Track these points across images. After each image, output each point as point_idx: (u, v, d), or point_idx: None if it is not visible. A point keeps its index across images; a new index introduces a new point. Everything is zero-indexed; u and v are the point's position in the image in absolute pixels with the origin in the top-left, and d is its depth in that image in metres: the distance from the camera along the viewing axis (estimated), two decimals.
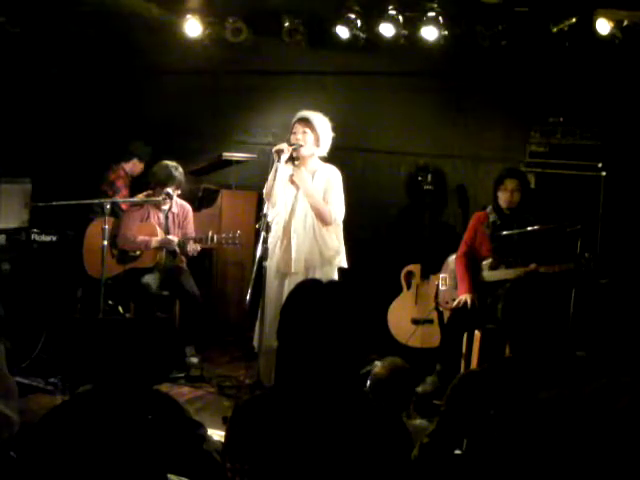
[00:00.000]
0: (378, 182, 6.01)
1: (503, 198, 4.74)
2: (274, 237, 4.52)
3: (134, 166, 6.16)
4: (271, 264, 4.53)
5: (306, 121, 4.47)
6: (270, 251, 4.53)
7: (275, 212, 4.54)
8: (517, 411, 2.15)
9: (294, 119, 4.54)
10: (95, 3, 5.75)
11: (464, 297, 4.69)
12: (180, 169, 5.26)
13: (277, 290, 4.49)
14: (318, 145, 4.51)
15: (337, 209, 4.50)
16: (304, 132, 4.47)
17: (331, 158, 4.61)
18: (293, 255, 4.47)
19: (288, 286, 4.45)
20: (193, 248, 5.11)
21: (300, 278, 4.37)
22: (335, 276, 4.52)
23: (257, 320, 4.48)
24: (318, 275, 4.43)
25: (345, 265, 4.59)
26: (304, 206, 4.49)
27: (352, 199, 4.66)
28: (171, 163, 5.25)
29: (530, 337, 2.33)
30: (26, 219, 5.47)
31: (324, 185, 4.51)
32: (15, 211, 5.45)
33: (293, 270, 4.46)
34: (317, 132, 4.48)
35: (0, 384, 2.43)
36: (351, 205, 4.64)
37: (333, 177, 4.53)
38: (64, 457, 2.16)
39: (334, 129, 4.56)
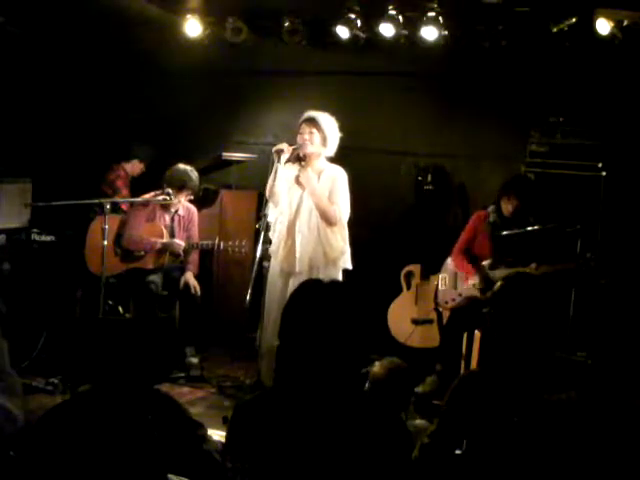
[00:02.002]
0: (378, 182, 6.01)
1: (504, 207, 4.79)
2: (278, 237, 4.52)
3: (134, 166, 6.16)
4: (275, 264, 4.53)
5: (313, 121, 4.46)
6: (274, 251, 4.54)
7: (278, 212, 4.54)
8: (518, 415, 2.15)
9: (301, 119, 4.52)
10: (95, 3, 5.75)
11: (472, 281, 4.72)
12: (195, 173, 5.26)
13: (281, 290, 4.47)
14: (325, 145, 4.50)
15: (342, 209, 4.48)
16: (311, 132, 4.46)
17: (331, 158, 4.61)
18: (297, 255, 4.46)
19: (292, 286, 4.43)
20: (193, 283, 5.16)
21: (304, 278, 4.35)
22: (339, 277, 4.50)
23: (261, 320, 4.49)
24: (322, 276, 4.42)
25: (350, 267, 4.57)
26: (309, 206, 4.48)
27: (352, 199, 4.66)
28: (188, 167, 5.24)
29: (520, 338, 2.31)
30: (26, 219, 5.47)
31: (330, 185, 4.49)
32: (15, 211, 5.45)
33: (297, 270, 4.44)
34: (324, 132, 4.47)
35: (3, 380, 2.43)
36: (351, 205, 4.64)
37: (339, 177, 4.52)
38: (64, 457, 2.16)
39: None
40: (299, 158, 4.50)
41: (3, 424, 2.32)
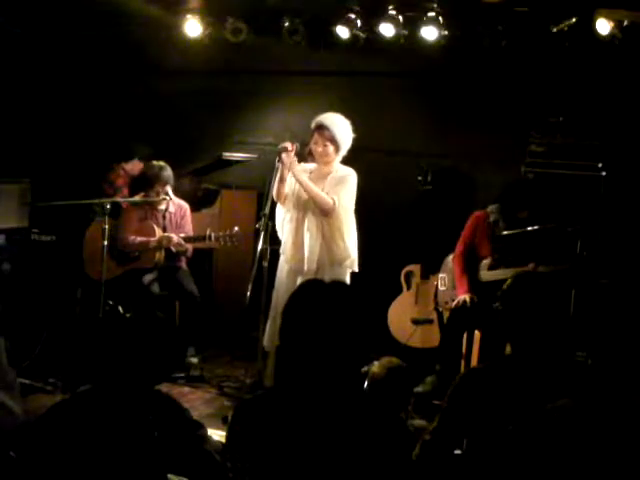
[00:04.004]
0: (378, 182, 6.00)
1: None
2: (287, 236, 4.53)
3: (134, 166, 6.15)
4: (283, 263, 4.55)
5: (326, 131, 4.43)
6: (283, 250, 4.54)
7: (285, 210, 4.54)
8: (520, 414, 2.15)
9: (314, 125, 4.49)
10: (95, 3, 5.75)
11: (463, 297, 4.70)
12: (167, 169, 5.18)
13: (289, 289, 4.46)
14: (338, 153, 4.51)
15: (343, 204, 4.45)
16: (325, 145, 4.45)
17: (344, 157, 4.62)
18: (306, 254, 4.47)
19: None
20: (177, 242, 5.07)
21: (311, 276, 4.38)
22: (347, 279, 4.50)
23: (262, 320, 4.50)
24: (328, 276, 4.42)
25: (356, 269, 4.57)
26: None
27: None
28: (157, 163, 5.21)
29: (528, 336, 2.33)
30: (26, 219, 5.47)
31: (336, 182, 4.50)
32: (15, 211, 5.45)
33: (306, 269, 4.45)
34: (338, 143, 4.46)
35: (1, 377, 2.43)
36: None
37: (347, 176, 4.52)
38: (64, 457, 2.16)
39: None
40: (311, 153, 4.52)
41: (3, 420, 2.32)
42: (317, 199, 4.42)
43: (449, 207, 5.76)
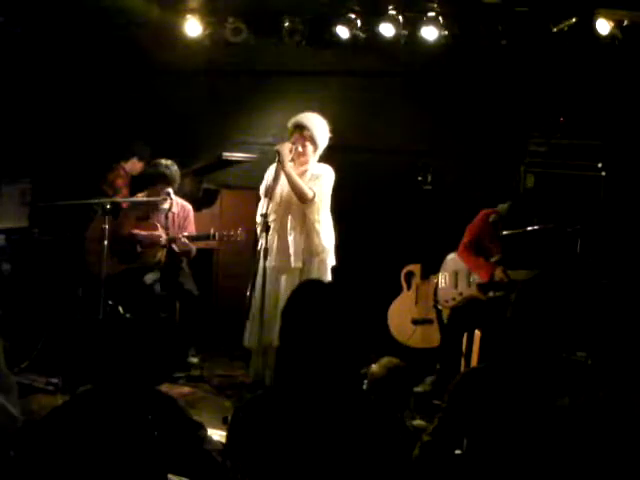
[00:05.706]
0: (378, 182, 6.01)
1: None
2: (272, 234, 4.55)
3: (133, 165, 6.15)
4: (269, 260, 4.55)
5: (306, 131, 4.48)
6: (267, 248, 4.55)
7: (272, 209, 4.57)
8: (520, 414, 2.15)
9: (291, 124, 4.54)
10: (95, 3, 5.75)
11: (497, 274, 4.63)
12: (173, 167, 5.16)
13: (273, 287, 4.50)
14: (315, 152, 4.56)
15: (319, 198, 4.49)
16: (304, 146, 4.50)
17: (330, 158, 4.62)
18: (292, 251, 4.49)
19: (284, 283, 4.50)
20: (182, 243, 5.05)
21: (296, 274, 4.43)
22: (328, 272, 4.57)
23: (247, 319, 4.53)
24: (312, 272, 4.46)
25: (334, 262, 4.62)
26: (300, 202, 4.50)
27: (351, 199, 4.67)
28: (163, 161, 5.18)
29: (540, 337, 2.32)
30: (26, 219, 5.47)
31: (314, 178, 4.53)
32: (15, 211, 5.45)
33: (293, 265, 4.48)
34: (317, 143, 4.52)
35: (0, 380, 2.43)
36: (350, 205, 4.65)
37: (323, 175, 4.55)
38: (64, 457, 2.17)
39: (334, 129, 4.56)
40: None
41: (1, 423, 2.32)
42: (298, 188, 4.43)
43: (449, 207, 5.76)
